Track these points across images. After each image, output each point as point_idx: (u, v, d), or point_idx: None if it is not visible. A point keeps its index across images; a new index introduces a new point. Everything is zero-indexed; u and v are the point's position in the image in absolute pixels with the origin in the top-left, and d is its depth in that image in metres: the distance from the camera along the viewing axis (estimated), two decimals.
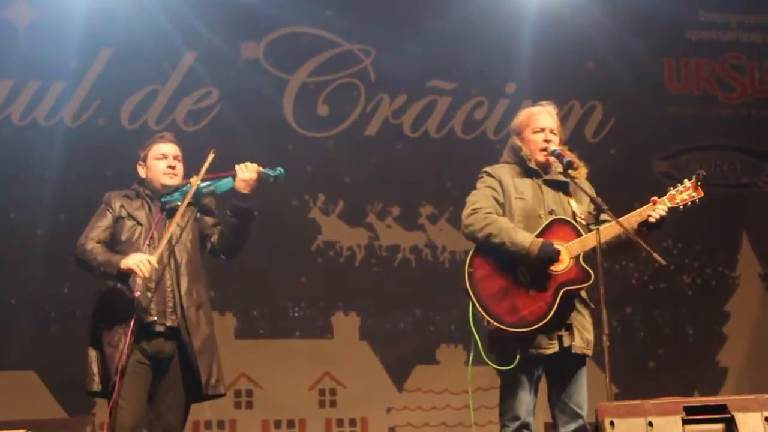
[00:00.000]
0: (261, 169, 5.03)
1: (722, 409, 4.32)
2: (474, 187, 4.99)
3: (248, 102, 7.84)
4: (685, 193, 4.89)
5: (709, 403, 4.39)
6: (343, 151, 8.06)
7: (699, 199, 4.90)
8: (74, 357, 7.06)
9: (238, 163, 5.05)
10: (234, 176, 5.02)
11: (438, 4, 8.14)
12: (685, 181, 4.93)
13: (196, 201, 5.07)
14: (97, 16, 7.47)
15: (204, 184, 5.03)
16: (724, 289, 8.65)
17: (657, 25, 8.54)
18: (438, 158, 8.16)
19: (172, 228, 4.89)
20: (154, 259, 4.77)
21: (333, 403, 7.84)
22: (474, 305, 4.74)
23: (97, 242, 4.90)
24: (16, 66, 7.48)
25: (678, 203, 4.88)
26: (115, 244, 4.96)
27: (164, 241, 4.85)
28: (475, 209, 4.83)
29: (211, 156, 5.02)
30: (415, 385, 7.98)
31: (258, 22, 7.87)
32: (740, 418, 4.27)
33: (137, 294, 4.81)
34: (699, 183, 4.90)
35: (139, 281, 4.79)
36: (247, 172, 4.99)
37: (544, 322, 4.69)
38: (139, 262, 4.73)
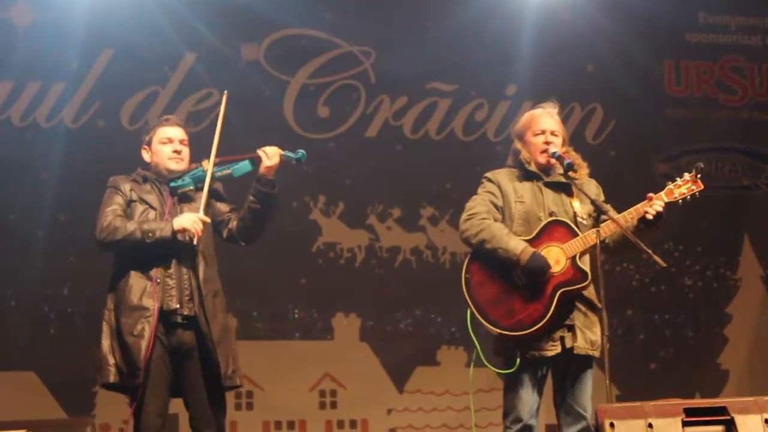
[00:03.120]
0: (283, 152, 4.90)
1: (722, 410, 4.33)
2: (475, 190, 5.01)
3: (249, 103, 7.80)
4: (684, 186, 4.82)
5: (709, 405, 4.40)
6: (344, 153, 8.05)
7: (699, 192, 4.83)
8: (74, 358, 7.14)
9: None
10: (251, 159, 4.90)
11: (438, 6, 8.14)
12: (685, 174, 4.85)
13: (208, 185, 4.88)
14: (97, 17, 7.46)
15: (219, 168, 4.89)
16: (725, 292, 8.64)
17: (657, 28, 8.54)
18: (439, 160, 8.14)
19: (203, 205, 4.75)
20: (204, 217, 4.70)
21: (333, 405, 7.84)
22: (471, 311, 4.77)
23: (123, 218, 4.73)
24: (16, 67, 7.46)
25: (676, 197, 4.82)
26: None
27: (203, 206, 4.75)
28: (470, 215, 4.86)
29: (224, 99, 4.94)
30: (416, 387, 7.98)
31: (259, 23, 7.86)
32: (740, 420, 4.28)
33: (157, 281, 4.66)
34: (698, 175, 4.84)
35: (195, 240, 4.66)
36: (271, 158, 4.85)
37: (542, 324, 4.69)
38: (193, 222, 4.65)
